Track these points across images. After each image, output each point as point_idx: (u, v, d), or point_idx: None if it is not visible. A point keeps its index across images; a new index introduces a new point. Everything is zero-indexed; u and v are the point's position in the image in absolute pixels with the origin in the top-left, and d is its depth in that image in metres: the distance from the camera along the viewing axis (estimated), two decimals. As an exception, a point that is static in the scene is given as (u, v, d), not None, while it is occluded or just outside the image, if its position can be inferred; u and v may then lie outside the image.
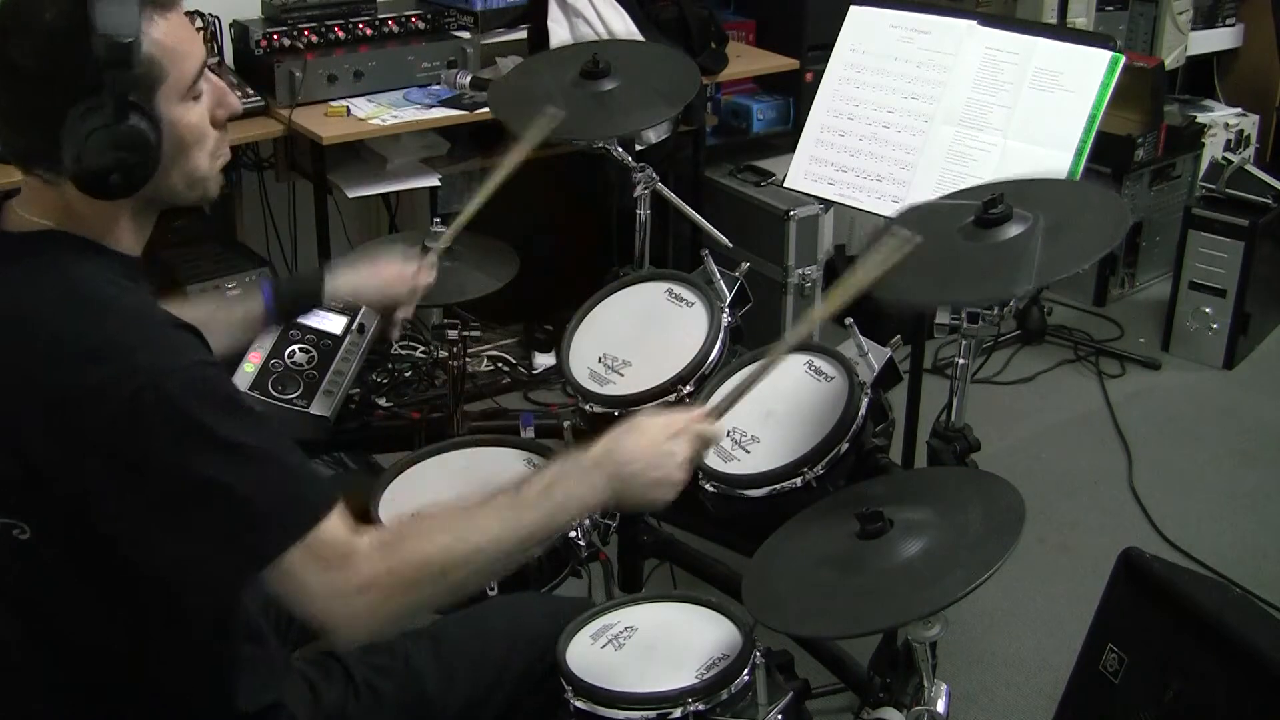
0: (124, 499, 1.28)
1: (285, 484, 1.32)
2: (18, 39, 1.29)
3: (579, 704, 1.60)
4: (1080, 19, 4.09)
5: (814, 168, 2.49)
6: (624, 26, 3.35)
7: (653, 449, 1.52)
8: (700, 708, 1.57)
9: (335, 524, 1.33)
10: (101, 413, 1.25)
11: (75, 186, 1.32)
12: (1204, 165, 4.06)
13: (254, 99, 3.00)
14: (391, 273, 2.00)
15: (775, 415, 1.95)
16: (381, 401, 3.21)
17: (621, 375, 2.10)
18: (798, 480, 1.83)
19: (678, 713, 1.57)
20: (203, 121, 1.39)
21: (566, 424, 2.13)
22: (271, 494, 1.30)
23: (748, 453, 1.92)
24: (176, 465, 1.27)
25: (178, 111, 1.35)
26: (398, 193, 3.36)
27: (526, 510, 1.43)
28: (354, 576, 1.32)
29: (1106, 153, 3.78)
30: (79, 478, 1.28)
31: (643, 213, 2.42)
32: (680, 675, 1.61)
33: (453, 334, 2.41)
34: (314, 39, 3.07)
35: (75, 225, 1.37)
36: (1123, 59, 2.24)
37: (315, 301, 2.00)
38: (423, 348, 3.46)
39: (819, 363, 1.98)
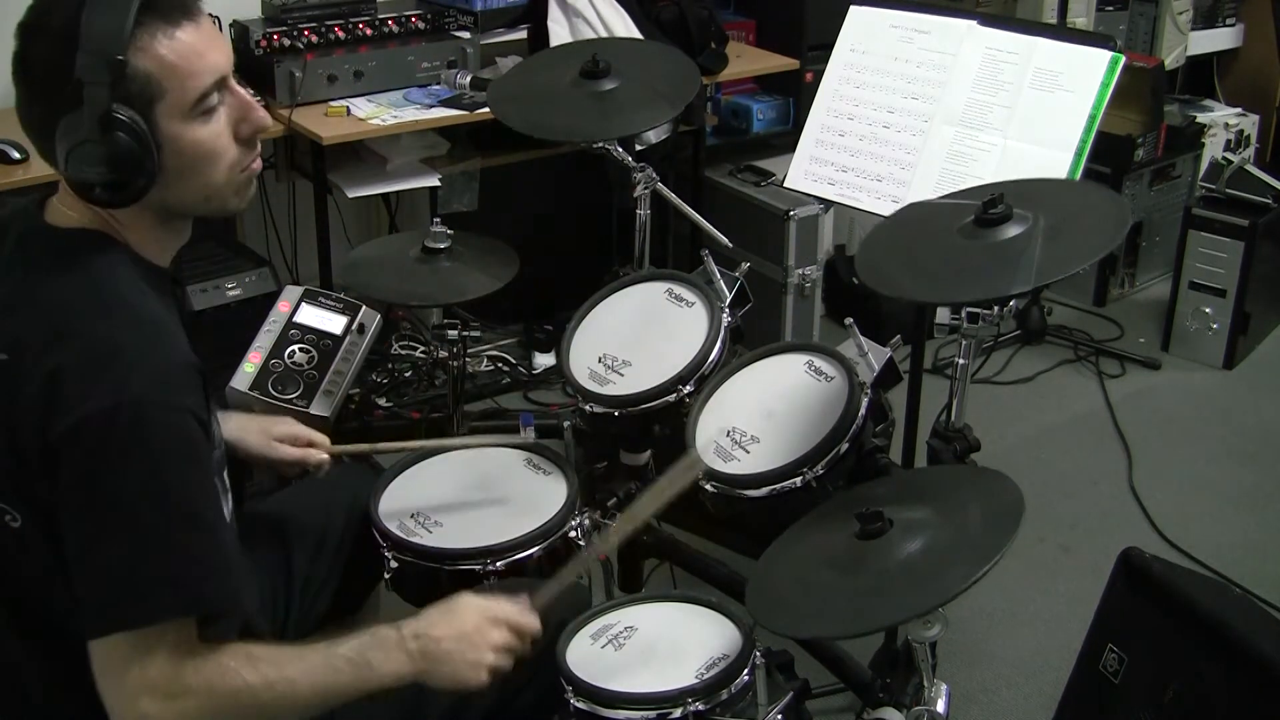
0: (72, 502, 1.29)
1: (200, 561, 1.33)
2: (36, 41, 1.31)
3: (579, 704, 1.60)
4: (1080, 19, 4.09)
5: (814, 168, 2.49)
6: (624, 26, 3.35)
7: (467, 632, 1.50)
8: (700, 708, 1.57)
9: (191, 625, 1.34)
10: (81, 414, 1.27)
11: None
12: (1204, 165, 4.06)
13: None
14: (282, 431, 1.91)
15: (775, 415, 1.95)
16: (381, 401, 3.22)
17: (621, 375, 2.10)
18: (797, 480, 1.83)
19: (678, 713, 1.57)
20: (215, 138, 1.38)
21: (566, 424, 2.13)
22: (187, 563, 1.32)
23: (748, 453, 1.92)
24: (118, 488, 1.28)
25: (179, 129, 1.35)
26: (398, 193, 3.36)
27: (337, 670, 1.42)
28: (173, 683, 1.32)
29: (1106, 153, 3.78)
30: (52, 469, 1.29)
31: (643, 213, 2.42)
32: (680, 675, 1.61)
33: (453, 334, 2.40)
34: (314, 39, 3.07)
35: (105, 226, 1.39)
36: (1123, 59, 2.23)
37: None
38: (423, 348, 3.46)
39: (819, 363, 1.98)
